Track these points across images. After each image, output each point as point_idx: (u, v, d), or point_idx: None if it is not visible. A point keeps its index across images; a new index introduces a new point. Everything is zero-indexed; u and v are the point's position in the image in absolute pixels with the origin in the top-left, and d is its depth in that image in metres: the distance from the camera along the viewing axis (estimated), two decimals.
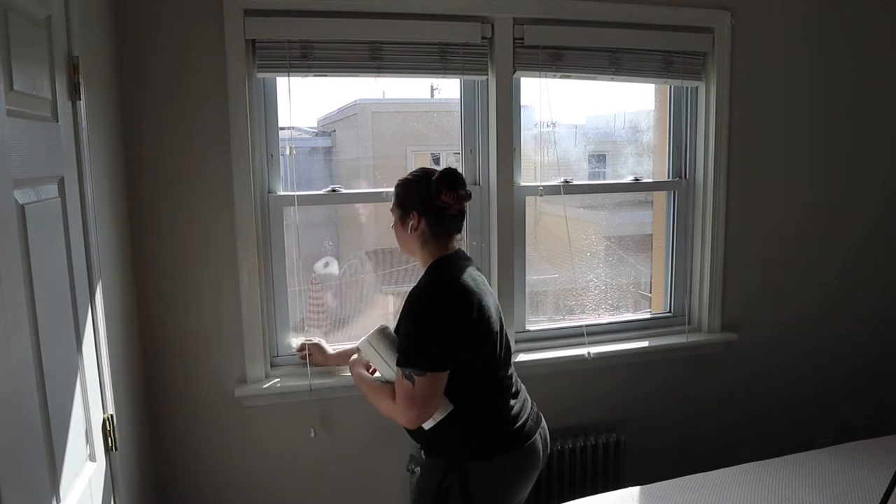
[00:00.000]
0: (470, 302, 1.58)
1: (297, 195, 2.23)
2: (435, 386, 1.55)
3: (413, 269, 2.52)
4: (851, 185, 2.84)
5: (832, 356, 2.93)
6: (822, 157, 2.78)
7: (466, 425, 1.63)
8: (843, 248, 2.87)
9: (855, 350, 2.96)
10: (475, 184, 2.43)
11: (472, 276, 1.66)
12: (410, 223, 1.66)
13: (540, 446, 1.73)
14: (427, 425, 1.61)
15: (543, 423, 1.79)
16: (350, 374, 1.85)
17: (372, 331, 1.70)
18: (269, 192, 2.22)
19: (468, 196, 1.67)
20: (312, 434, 2.28)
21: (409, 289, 1.64)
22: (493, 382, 1.67)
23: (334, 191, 2.32)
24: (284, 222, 2.26)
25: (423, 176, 1.68)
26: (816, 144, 2.76)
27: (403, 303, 1.63)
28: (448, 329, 1.56)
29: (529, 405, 1.77)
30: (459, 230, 1.71)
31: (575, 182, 2.57)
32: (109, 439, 1.55)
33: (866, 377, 3.00)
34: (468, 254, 1.79)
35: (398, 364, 1.57)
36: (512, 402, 1.70)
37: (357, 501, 2.38)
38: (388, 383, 1.69)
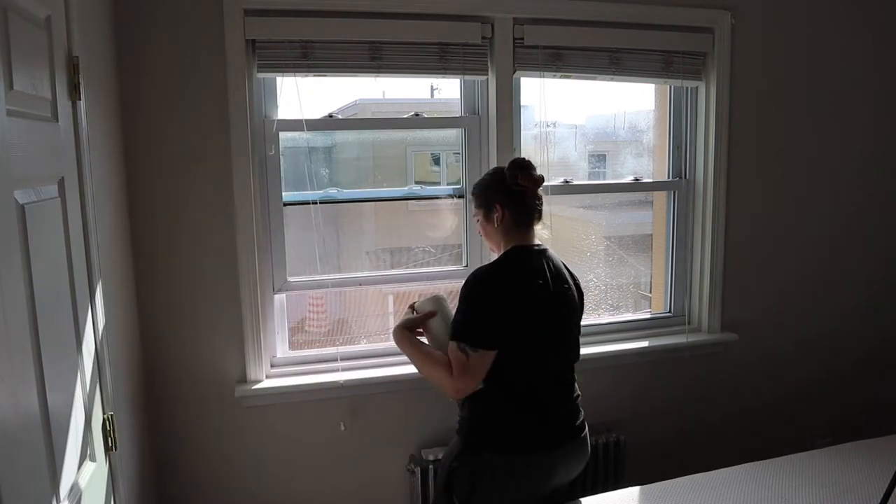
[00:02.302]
0: (516, 290, 1.67)
1: (293, 196, 2.23)
2: (487, 362, 1.64)
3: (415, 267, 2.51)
4: (851, 185, 2.84)
5: (832, 356, 2.93)
6: (822, 156, 2.77)
7: (493, 409, 1.70)
8: (844, 247, 2.87)
9: (855, 350, 2.96)
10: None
11: (537, 267, 1.72)
12: (496, 216, 1.77)
13: (564, 462, 1.74)
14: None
15: (581, 442, 1.79)
16: (392, 337, 1.90)
17: (431, 295, 1.86)
18: (269, 192, 2.22)
19: (542, 178, 1.78)
20: (342, 427, 2.28)
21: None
22: (529, 380, 1.71)
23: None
24: (285, 222, 2.26)
25: (495, 172, 1.83)
26: (816, 144, 2.76)
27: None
28: (496, 311, 1.65)
29: (570, 420, 1.78)
30: (540, 215, 1.81)
31: (575, 182, 2.57)
32: (109, 439, 1.55)
33: (867, 377, 3.00)
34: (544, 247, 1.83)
35: (453, 336, 1.67)
36: (546, 404, 1.72)
37: (357, 501, 2.38)
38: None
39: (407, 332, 1.86)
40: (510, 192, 1.76)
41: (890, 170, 2.88)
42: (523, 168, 1.76)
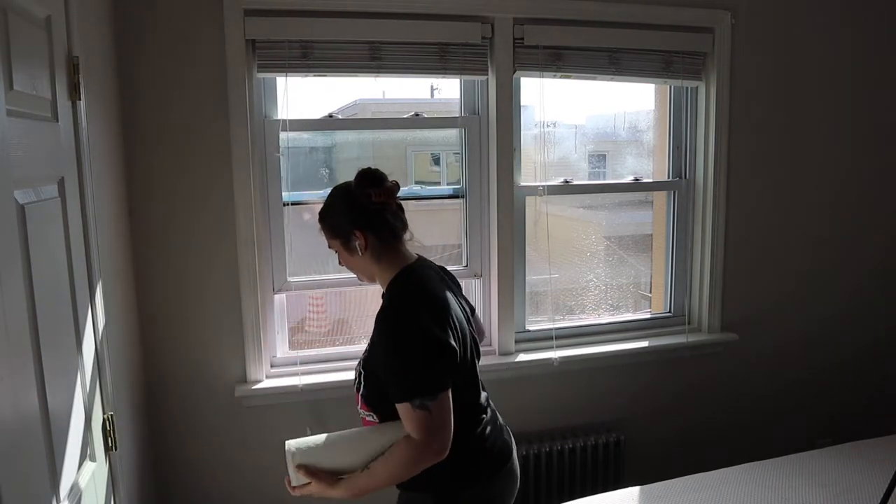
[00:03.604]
0: (445, 307, 1.44)
1: (293, 196, 2.23)
2: (449, 403, 1.38)
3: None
4: (851, 185, 2.84)
5: (832, 355, 2.93)
6: (822, 156, 2.77)
7: (456, 450, 1.40)
8: (843, 247, 2.87)
9: (855, 349, 2.96)
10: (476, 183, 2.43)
11: (435, 279, 1.52)
12: (357, 244, 1.47)
13: (517, 466, 1.61)
14: None
15: (515, 442, 1.65)
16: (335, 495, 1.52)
17: (291, 448, 1.51)
18: (269, 192, 2.22)
19: (396, 186, 1.50)
20: (308, 432, 2.27)
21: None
22: (473, 395, 1.52)
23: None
24: (285, 222, 2.26)
25: (343, 193, 1.52)
26: (816, 144, 2.76)
27: (373, 330, 1.44)
28: (431, 346, 1.37)
29: (501, 422, 1.61)
30: (405, 226, 1.53)
31: (575, 182, 2.57)
32: (109, 439, 1.55)
33: (866, 377, 3.00)
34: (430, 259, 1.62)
35: (402, 400, 1.35)
36: (486, 416, 1.55)
37: (356, 501, 2.37)
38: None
39: (335, 485, 1.48)
40: (367, 213, 1.47)
41: (889, 170, 2.88)
42: (375, 181, 1.47)
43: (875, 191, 2.88)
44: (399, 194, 1.53)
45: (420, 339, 1.37)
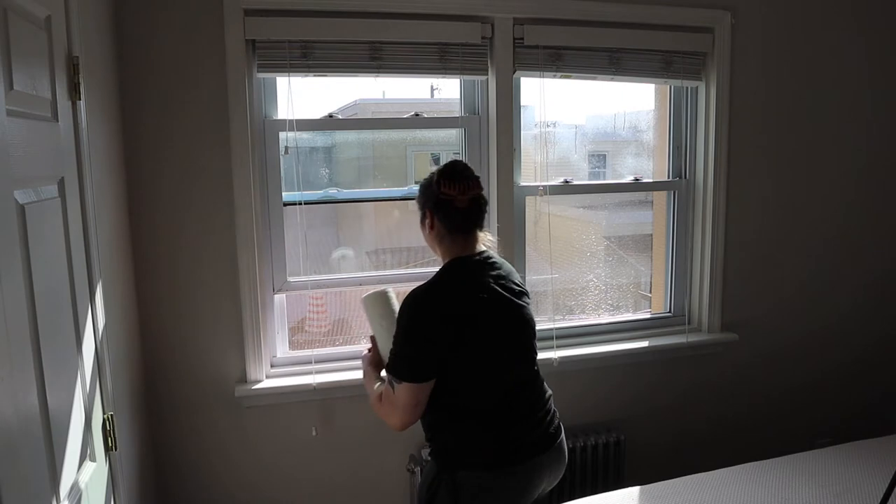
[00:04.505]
0: (455, 310, 1.52)
1: (301, 196, 2.23)
2: (415, 395, 1.52)
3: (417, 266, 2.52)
4: (850, 185, 2.84)
5: (832, 355, 2.93)
6: (821, 156, 2.78)
7: (457, 433, 1.58)
8: (843, 247, 2.87)
9: (855, 349, 2.96)
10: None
11: (478, 280, 1.59)
12: (426, 222, 1.65)
13: (541, 471, 1.64)
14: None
15: (557, 448, 1.68)
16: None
17: (374, 293, 1.71)
18: (269, 192, 2.22)
19: (472, 188, 1.61)
20: (314, 433, 2.28)
21: (411, 288, 1.59)
22: (489, 395, 1.59)
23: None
24: (285, 221, 2.26)
25: (430, 176, 1.67)
26: (815, 144, 2.76)
27: None
28: (426, 342, 1.50)
29: (541, 427, 1.66)
30: (475, 225, 1.65)
31: (575, 182, 2.57)
32: (109, 439, 1.55)
33: (866, 376, 3.00)
34: (496, 255, 1.70)
35: (385, 368, 1.58)
36: (512, 417, 1.60)
37: (357, 501, 2.38)
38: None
39: (367, 368, 1.76)
40: (436, 200, 1.61)
41: (889, 170, 2.88)
42: (445, 174, 1.61)
43: (875, 190, 2.88)
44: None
45: (410, 330, 1.52)
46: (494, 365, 1.58)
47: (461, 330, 1.51)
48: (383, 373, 1.66)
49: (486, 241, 1.69)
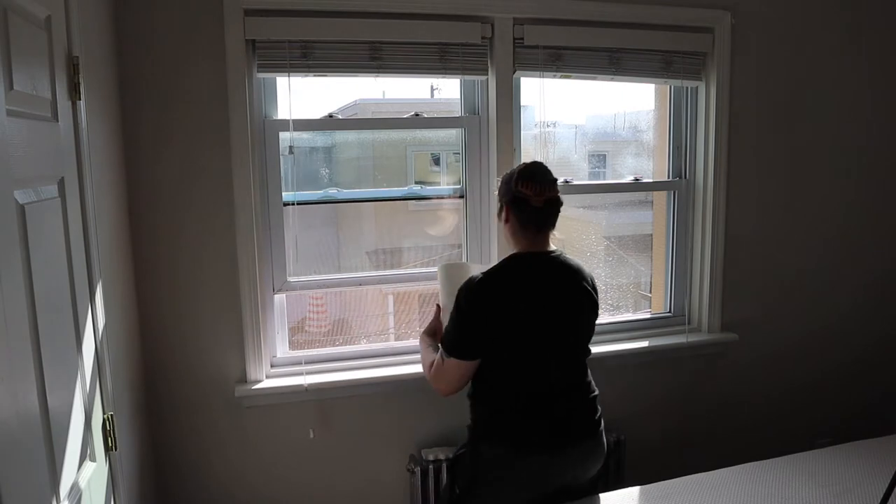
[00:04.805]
0: (503, 301, 1.68)
1: (296, 196, 2.23)
2: (460, 370, 1.72)
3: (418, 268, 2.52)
4: (850, 185, 2.84)
5: (832, 355, 2.93)
6: (821, 156, 2.77)
7: (490, 410, 1.76)
8: (843, 247, 2.87)
9: (855, 349, 2.96)
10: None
11: (538, 275, 1.73)
12: (502, 215, 1.80)
13: (561, 465, 1.74)
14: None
15: (583, 448, 1.78)
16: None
17: (449, 264, 1.98)
18: (269, 192, 2.22)
19: (547, 190, 1.74)
20: (311, 435, 2.28)
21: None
22: (526, 383, 1.72)
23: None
24: (286, 221, 2.26)
25: (512, 172, 1.81)
26: (815, 144, 2.76)
27: None
28: (476, 324, 1.69)
29: (570, 423, 1.77)
30: (547, 224, 1.79)
31: (575, 182, 2.57)
32: (109, 439, 1.55)
33: (866, 376, 3.00)
34: (562, 254, 1.81)
35: (440, 341, 1.79)
36: (543, 408, 1.72)
37: (357, 501, 2.38)
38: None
39: (423, 334, 2.00)
40: (514, 197, 1.76)
41: (889, 170, 2.88)
42: (524, 175, 1.75)
43: (875, 190, 2.88)
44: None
45: (461, 313, 1.70)
46: (534, 359, 1.72)
47: (505, 320, 1.67)
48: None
49: (555, 240, 1.84)
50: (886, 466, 1.92)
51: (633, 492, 2.05)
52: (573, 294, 1.77)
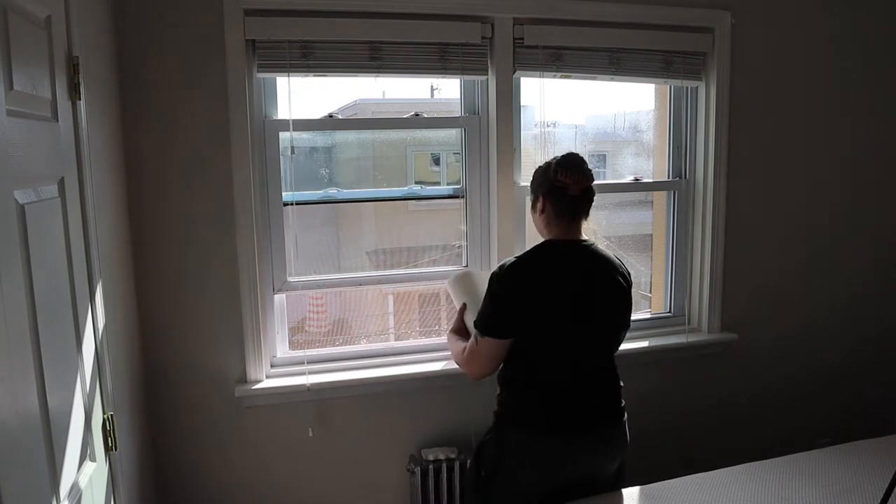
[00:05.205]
0: (533, 285, 1.73)
1: (297, 196, 2.23)
2: (494, 349, 1.76)
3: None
4: (850, 185, 2.84)
5: (832, 355, 2.93)
6: (822, 156, 2.77)
7: (516, 394, 1.80)
8: (843, 247, 2.87)
9: (855, 349, 2.96)
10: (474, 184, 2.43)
11: (569, 262, 1.78)
12: (538, 205, 1.85)
13: (582, 452, 1.79)
14: None
15: (601, 437, 1.82)
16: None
17: (457, 275, 2.09)
18: (269, 192, 2.22)
19: (586, 178, 1.80)
20: (310, 433, 2.28)
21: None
22: (551, 369, 1.77)
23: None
24: (286, 221, 2.26)
25: (548, 163, 1.85)
26: (816, 144, 2.76)
27: None
28: (509, 303, 1.74)
29: (592, 413, 1.81)
30: (581, 212, 1.83)
31: None
32: (109, 439, 1.55)
33: (867, 377, 3.00)
34: (592, 244, 1.85)
35: (474, 324, 1.82)
36: (566, 394, 1.77)
37: (357, 501, 2.38)
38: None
39: (450, 332, 2.07)
40: (552, 186, 1.80)
41: (889, 170, 2.88)
42: (562, 164, 1.80)
43: (874, 189, 2.88)
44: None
45: (494, 294, 1.76)
46: (560, 345, 1.76)
47: (536, 301, 1.72)
48: (470, 326, 1.94)
49: (588, 229, 1.89)
50: (886, 466, 1.92)
51: (633, 492, 2.05)
52: (603, 283, 1.80)
